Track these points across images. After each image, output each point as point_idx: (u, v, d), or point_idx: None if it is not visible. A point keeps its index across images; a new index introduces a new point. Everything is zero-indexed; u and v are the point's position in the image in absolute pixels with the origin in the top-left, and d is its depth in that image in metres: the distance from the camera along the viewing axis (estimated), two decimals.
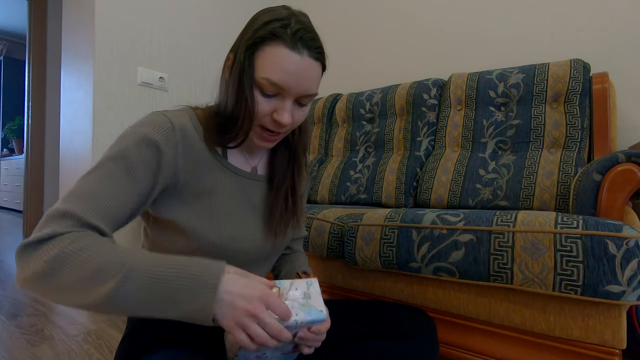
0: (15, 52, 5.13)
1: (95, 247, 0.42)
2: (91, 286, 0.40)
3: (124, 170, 0.48)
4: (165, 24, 1.93)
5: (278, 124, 0.54)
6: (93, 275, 0.40)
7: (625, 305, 0.68)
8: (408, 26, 1.87)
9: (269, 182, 0.65)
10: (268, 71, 0.51)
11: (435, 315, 0.88)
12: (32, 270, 0.40)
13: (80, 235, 0.42)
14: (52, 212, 0.44)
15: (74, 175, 1.80)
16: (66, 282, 0.40)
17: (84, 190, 0.46)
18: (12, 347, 1.08)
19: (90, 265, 0.40)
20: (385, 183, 1.47)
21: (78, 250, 0.41)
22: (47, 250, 0.41)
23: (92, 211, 0.45)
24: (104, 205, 0.46)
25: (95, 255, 0.41)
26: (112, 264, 0.41)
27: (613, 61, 1.33)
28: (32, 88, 3.02)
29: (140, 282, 0.40)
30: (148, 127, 0.50)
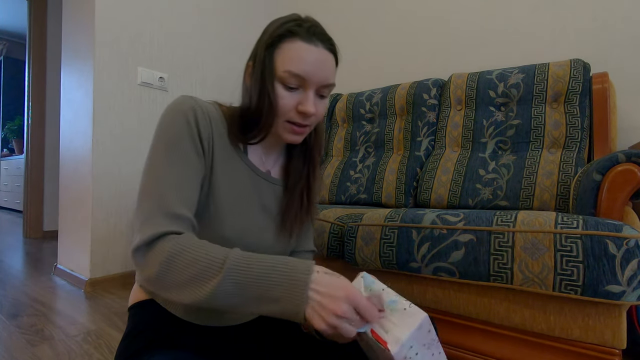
0: (15, 52, 5.12)
1: (197, 247, 0.46)
2: (198, 284, 0.44)
3: (182, 156, 0.51)
4: (165, 24, 1.93)
5: (304, 114, 0.56)
6: (198, 275, 0.44)
7: (625, 305, 0.68)
8: (408, 26, 1.87)
9: (283, 185, 0.66)
10: (288, 64, 0.54)
11: (435, 315, 0.88)
12: (149, 273, 0.45)
13: (183, 237, 0.47)
14: (145, 215, 0.48)
15: (74, 175, 1.80)
16: (178, 281, 0.45)
17: (160, 186, 0.50)
18: (12, 347, 1.08)
19: (194, 266, 0.44)
20: (385, 183, 1.47)
21: (183, 251, 0.45)
22: (157, 252, 0.45)
23: (178, 203, 0.49)
24: (183, 194, 0.50)
25: (197, 256, 0.45)
26: (213, 263, 0.44)
27: (613, 61, 1.33)
28: (32, 88, 3.02)
29: (237, 280, 0.44)
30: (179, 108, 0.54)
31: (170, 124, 0.53)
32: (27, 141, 3.05)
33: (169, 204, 0.48)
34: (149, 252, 0.46)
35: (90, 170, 1.66)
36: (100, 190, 1.68)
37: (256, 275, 0.44)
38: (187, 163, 0.52)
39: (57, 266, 1.91)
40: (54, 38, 3.06)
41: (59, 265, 1.91)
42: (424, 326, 0.45)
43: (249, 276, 0.44)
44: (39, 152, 3.06)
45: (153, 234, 0.46)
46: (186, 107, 0.54)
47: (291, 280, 0.44)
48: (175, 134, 0.52)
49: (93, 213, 1.67)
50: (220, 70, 2.20)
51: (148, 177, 0.51)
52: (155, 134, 0.54)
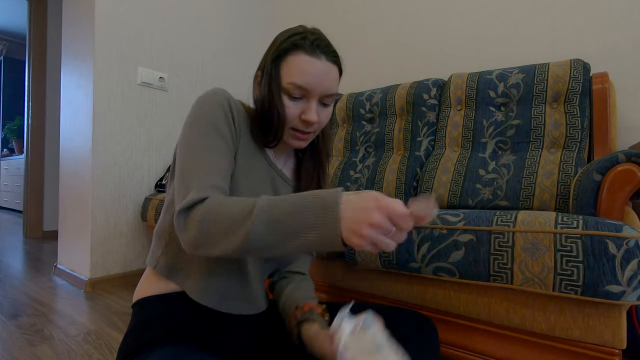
0: (15, 52, 5.12)
1: (227, 202, 0.49)
2: (232, 232, 0.47)
3: (220, 138, 0.56)
4: (165, 24, 1.93)
5: (307, 123, 0.60)
6: (231, 224, 0.47)
7: (625, 305, 0.68)
8: (408, 26, 1.87)
9: (294, 186, 0.70)
10: (293, 76, 0.58)
11: (435, 316, 0.88)
12: (190, 234, 0.49)
13: (214, 197, 0.50)
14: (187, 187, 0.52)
15: (74, 175, 1.80)
16: (215, 234, 0.48)
17: (198, 165, 0.54)
18: (12, 347, 1.08)
19: (227, 217, 0.48)
20: (385, 183, 1.47)
21: (216, 208, 0.49)
22: (194, 214, 0.49)
23: (216, 178, 0.54)
24: (220, 173, 0.55)
25: (228, 209, 0.48)
26: (243, 210, 0.47)
27: (613, 61, 1.33)
28: (32, 88, 3.02)
29: (268, 219, 0.46)
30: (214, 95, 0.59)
31: (209, 109, 0.57)
32: (27, 141, 3.04)
33: (211, 179, 0.53)
34: (188, 216, 0.50)
35: (90, 170, 1.66)
36: (100, 190, 1.68)
37: (286, 210, 0.46)
38: (224, 147, 0.56)
39: (57, 266, 1.91)
40: (54, 38, 3.06)
41: (59, 265, 1.91)
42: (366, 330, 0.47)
43: (280, 212, 0.46)
44: (39, 152, 3.06)
45: (191, 200, 0.50)
46: (222, 98, 0.59)
47: (322, 204, 0.44)
48: (214, 117, 0.56)
49: (93, 213, 1.67)
50: (220, 70, 2.20)
51: (189, 154, 0.55)
52: (191, 117, 0.58)
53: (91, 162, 1.66)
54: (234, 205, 0.48)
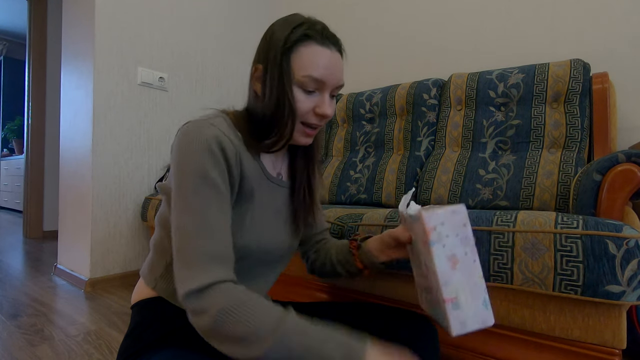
0: (15, 52, 5.12)
1: (250, 305, 0.45)
2: (250, 343, 0.43)
3: (214, 192, 0.50)
4: (165, 24, 1.93)
5: (322, 117, 0.58)
6: (251, 335, 0.43)
7: (625, 305, 0.68)
8: (408, 26, 1.87)
9: (291, 188, 0.68)
10: (308, 69, 0.55)
11: None
12: (204, 322, 0.44)
13: (236, 289, 0.46)
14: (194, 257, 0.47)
15: (74, 175, 1.80)
16: (230, 336, 0.44)
17: (202, 225, 0.48)
18: (12, 347, 1.08)
19: (248, 326, 0.43)
20: (385, 183, 1.47)
21: (237, 308, 0.44)
22: (211, 302, 0.45)
23: (223, 245, 0.49)
24: (223, 236, 0.49)
25: (252, 316, 0.44)
26: (267, 325, 0.44)
27: (613, 61, 1.33)
28: (32, 88, 3.02)
29: (290, 347, 0.43)
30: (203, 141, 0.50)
31: (196, 157, 0.50)
32: (27, 141, 3.05)
33: (214, 247, 0.48)
34: (203, 300, 0.45)
35: (90, 170, 1.66)
36: (100, 190, 1.68)
37: (309, 345, 0.43)
38: (220, 198, 0.50)
39: (57, 266, 1.91)
40: (54, 38, 3.06)
41: (59, 265, 1.91)
42: (459, 213, 0.47)
43: (301, 345, 0.43)
44: (39, 152, 3.06)
45: (205, 282, 0.45)
46: (210, 137, 0.51)
47: (346, 352, 0.43)
48: (204, 169, 0.49)
49: (93, 213, 1.67)
50: (220, 70, 2.20)
51: (185, 217, 0.49)
52: (179, 167, 0.51)
53: (91, 162, 1.66)
54: (258, 313, 0.44)
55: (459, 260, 0.47)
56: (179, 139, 0.52)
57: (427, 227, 0.46)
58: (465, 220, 0.47)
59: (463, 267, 0.47)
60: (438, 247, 0.46)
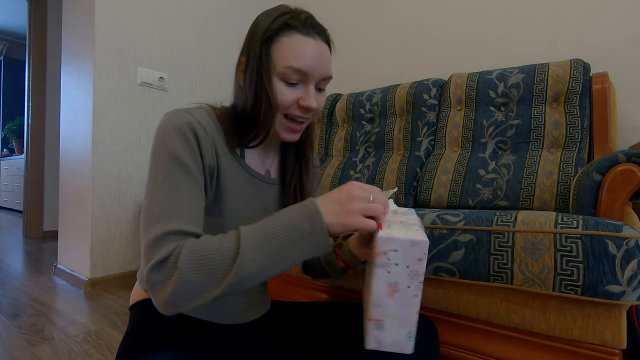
0: (15, 52, 5.12)
1: (203, 244, 0.45)
2: (221, 274, 0.43)
3: (185, 174, 0.49)
4: (165, 24, 1.93)
5: (306, 109, 0.55)
6: (216, 268, 0.43)
7: (625, 305, 0.68)
8: (408, 26, 1.87)
9: (281, 184, 0.66)
10: (290, 59, 0.52)
11: (435, 316, 0.88)
12: (167, 294, 0.43)
13: (189, 244, 0.45)
14: (152, 239, 0.45)
15: (74, 175, 1.80)
16: (200, 282, 0.43)
17: (165, 209, 0.47)
18: (12, 347, 1.08)
19: (210, 259, 0.43)
20: (385, 183, 1.47)
21: (194, 254, 0.43)
22: (170, 270, 0.43)
23: (184, 222, 0.47)
24: (188, 213, 0.48)
25: (208, 250, 0.44)
26: (225, 247, 0.44)
27: (613, 61, 1.33)
28: (32, 88, 3.02)
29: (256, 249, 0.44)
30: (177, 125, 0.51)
31: (168, 141, 0.50)
32: (27, 141, 3.05)
33: (179, 224, 0.47)
34: (162, 270, 0.44)
35: (90, 170, 1.66)
36: (100, 190, 1.68)
37: (270, 229, 0.45)
38: (191, 181, 0.50)
39: (57, 266, 1.91)
40: (54, 38, 3.06)
41: (59, 265, 1.91)
42: (418, 246, 0.44)
43: (265, 235, 0.44)
44: (39, 152, 3.06)
45: (164, 255, 0.44)
46: (182, 122, 0.51)
47: (303, 212, 0.45)
48: (176, 151, 0.49)
49: (93, 213, 1.67)
50: (220, 70, 2.20)
51: (155, 199, 0.48)
52: (154, 151, 0.51)
53: (91, 162, 1.66)
54: (213, 244, 0.44)
55: (399, 290, 0.45)
56: (158, 126, 0.52)
57: (378, 250, 0.44)
58: (422, 256, 0.44)
59: (400, 298, 0.45)
60: (382, 271, 0.44)
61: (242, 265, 0.43)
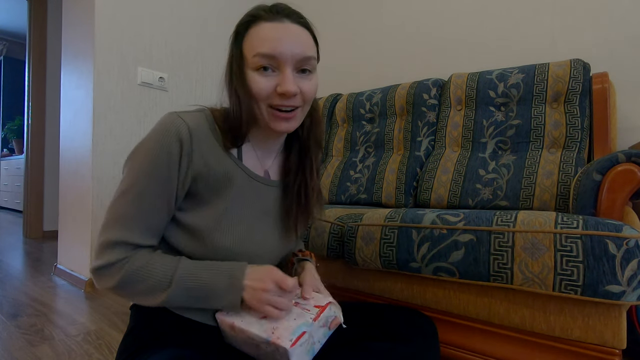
0: (15, 52, 5.12)
1: (147, 266, 0.52)
2: (153, 295, 0.52)
3: (153, 184, 0.52)
4: (165, 24, 1.93)
5: (284, 95, 0.53)
6: (151, 289, 0.52)
7: (625, 305, 0.68)
8: (408, 26, 1.87)
9: (282, 186, 0.65)
10: (256, 47, 0.53)
11: (435, 315, 0.88)
12: (108, 286, 0.52)
13: (135, 259, 0.52)
14: (106, 241, 0.52)
15: (74, 175, 1.80)
16: (134, 293, 0.53)
17: (126, 215, 0.52)
18: (12, 347, 1.08)
19: (147, 282, 0.52)
20: (385, 183, 1.47)
21: (136, 271, 0.52)
22: (114, 273, 0.52)
23: (139, 234, 0.53)
24: (147, 224, 0.53)
25: (149, 274, 0.52)
26: (163, 278, 0.52)
27: (613, 61, 1.33)
28: (32, 88, 3.02)
29: (185, 290, 0.53)
30: (164, 131, 0.52)
31: (149, 149, 0.52)
32: (27, 141, 3.05)
33: (132, 236, 0.52)
34: (103, 276, 0.52)
35: (90, 170, 1.66)
36: (100, 190, 1.68)
37: (198, 286, 0.53)
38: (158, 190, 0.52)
39: (57, 266, 1.91)
40: (54, 38, 3.06)
41: (59, 265, 1.91)
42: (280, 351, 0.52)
43: (194, 287, 0.53)
44: (39, 152, 3.06)
45: (113, 260, 0.51)
46: (171, 131, 0.51)
47: (231, 280, 0.53)
48: (152, 161, 0.51)
49: (93, 213, 1.67)
50: (220, 70, 2.19)
51: (120, 200, 0.53)
52: (135, 151, 0.53)
53: (91, 162, 1.66)
54: (154, 270, 0.52)
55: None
56: (151, 129, 0.55)
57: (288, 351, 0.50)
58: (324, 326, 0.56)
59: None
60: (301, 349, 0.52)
61: (168, 299, 0.52)
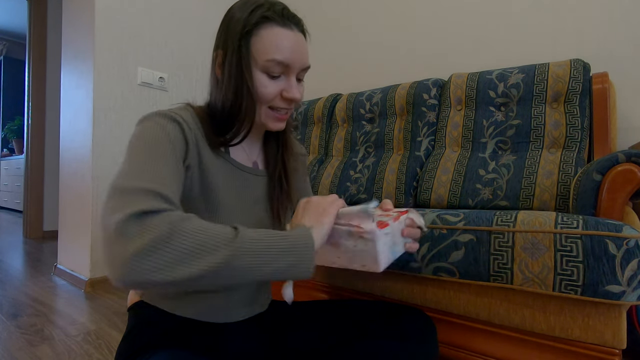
0: (15, 52, 5.12)
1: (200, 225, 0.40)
2: (207, 254, 0.38)
3: (171, 150, 0.47)
4: (165, 24, 1.93)
5: (290, 100, 0.56)
6: (208, 246, 0.38)
7: (625, 305, 0.68)
8: (408, 26, 1.87)
9: (267, 174, 0.66)
10: (271, 52, 0.52)
11: (435, 316, 0.88)
12: (137, 248, 0.36)
13: (181, 213, 0.41)
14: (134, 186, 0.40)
15: (74, 176, 1.80)
16: (180, 251, 0.37)
17: (151, 170, 0.43)
18: (12, 347, 1.08)
19: (203, 237, 0.39)
20: (385, 183, 1.47)
21: (191, 224, 0.39)
22: (154, 225, 0.37)
23: (170, 191, 0.43)
24: (173, 186, 0.45)
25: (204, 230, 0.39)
26: (224, 232, 0.40)
27: (613, 61, 1.33)
28: (32, 88, 3.02)
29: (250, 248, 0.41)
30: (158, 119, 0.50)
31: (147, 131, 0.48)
32: (27, 141, 3.05)
33: (164, 189, 0.42)
34: (144, 222, 0.37)
35: (90, 171, 1.66)
36: (100, 190, 1.68)
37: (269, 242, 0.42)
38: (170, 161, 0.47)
39: (57, 266, 1.91)
40: (54, 38, 3.06)
41: (59, 265, 1.91)
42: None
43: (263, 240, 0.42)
44: (39, 152, 3.06)
45: (151, 208, 0.38)
46: (162, 117, 0.50)
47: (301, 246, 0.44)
48: (155, 138, 0.48)
49: (93, 213, 1.67)
50: None
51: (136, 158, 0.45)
52: (131, 141, 0.49)
53: (91, 162, 1.66)
54: (210, 230, 0.40)
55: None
56: (137, 125, 0.51)
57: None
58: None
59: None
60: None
61: (233, 254, 0.39)
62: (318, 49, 2.19)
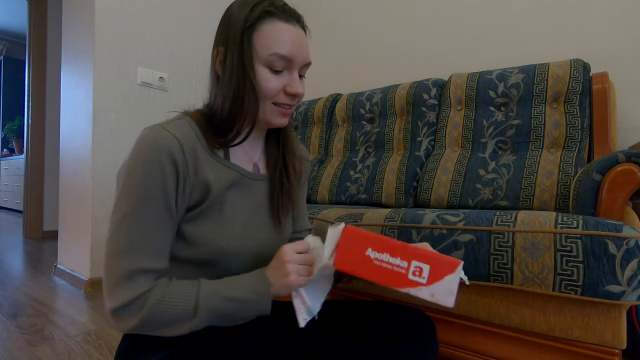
0: (15, 52, 5.12)
1: (169, 295, 0.49)
2: (180, 323, 0.50)
3: (152, 206, 0.49)
4: (165, 24, 1.93)
5: (293, 95, 0.56)
6: (177, 318, 0.49)
7: (625, 305, 0.68)
8: (408, 26, 1.87)
9: (269, 176, 0.65)
10: (274, 47, 0.52)
11: (435, 315, 0.88)
12: (130, 326, 0.48)
13: (154, 291, 0.49)
14: (120, 275, 0.48)
15: (74, 175, 1.80)
16: (160, 326, 0.50)
17: (132, 243, 0.49)
18: (12, 347, 1.08)
19: (172, 313, 0.49)
20: (385, 183, 1.47)
21: (158, 304, 0.48)
22: (136, 311, 0.48)
23: (150, 258, 0.50)
24: (156, 246, 0.50)
25: (172, 303, 0.49)
26: (187, 304, 0.50)
27: (613, 61, 1.33)
28: (32, 88, 3.02)
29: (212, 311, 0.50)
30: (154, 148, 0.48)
31: (141, 169, 0.48)
32: (27, 141, 3.05)
33: (144, 262, 0.49)
34: (124, 316, 0.48)
35: (90, 170, 1.66)
36: (100, 190, 1.68)
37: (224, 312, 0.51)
38: (159, 211, 0.49)
39: (57, 266, 1.91)
40: (54, 38, 3.06)
41: (59, 265, 1.91)
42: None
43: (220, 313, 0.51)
44: (39, 152, 3.06)
45: (130, 298, 0.47)
46: (161, 149, 0.48)
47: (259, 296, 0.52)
48: (146, 183, 0.48)
49: (93, 213, 1.67)
50: None
51: (120, 229, 0.49)
52: (125, 174, 0.49)
53: (91, 162, 1.66)
54: (177, 297, 0.49)
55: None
56: (134, 147, 0.50)
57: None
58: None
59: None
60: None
61: (197, 323, 0.50)
62: (318, 49, 2.19)
